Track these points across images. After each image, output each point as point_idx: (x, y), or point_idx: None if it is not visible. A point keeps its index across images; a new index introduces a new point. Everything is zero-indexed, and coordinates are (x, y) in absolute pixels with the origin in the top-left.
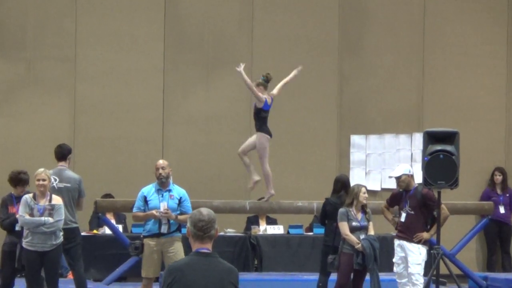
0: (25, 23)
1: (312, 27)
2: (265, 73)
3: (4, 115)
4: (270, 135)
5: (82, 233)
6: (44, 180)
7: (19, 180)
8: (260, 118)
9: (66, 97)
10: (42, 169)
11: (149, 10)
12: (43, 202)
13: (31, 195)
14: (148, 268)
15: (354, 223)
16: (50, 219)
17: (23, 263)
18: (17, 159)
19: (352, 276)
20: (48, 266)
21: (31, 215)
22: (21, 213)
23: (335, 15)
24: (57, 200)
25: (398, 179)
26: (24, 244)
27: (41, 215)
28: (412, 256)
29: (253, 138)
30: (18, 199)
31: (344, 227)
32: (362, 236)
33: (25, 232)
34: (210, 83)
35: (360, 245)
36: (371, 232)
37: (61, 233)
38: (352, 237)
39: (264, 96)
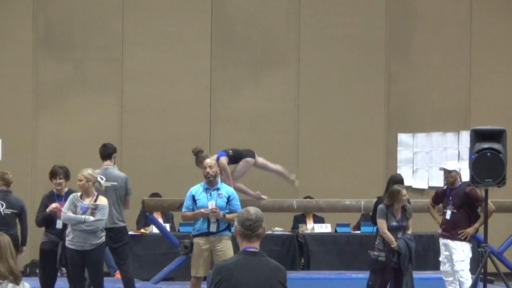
0: (73, 24)
1: (359, 26)
2: (193, 149)
3: (52, 115)
4: (253, 156)
5: (130, 232)
6: (80, 180)
7: (52, 172)
8: (236, 157)
9: (113, 97)
10: (84, 170)
11: (196, 9)
12: (88, 201)
13: (79, 193)
14: (198, 267)
15: (393, 223)
16: (91, 218)
17: (64, 263)
18: (65, 159)
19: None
20: (90, 266)
21: (75, 212)
22: (65, 209)
23: (383, 14)
24: (102, 200)
25: (449, 172)
26: (66, 243)
27: (84, 213)
28: (456, 254)
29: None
30: (59, 197)
31: (382, 224)
32: (399, 235)
33: (68, 230)
34: (258, 83)
35: (396, 244)
36: (409, 230)
37: (103, 233)
38: (390, 236)
39: (218, 154)
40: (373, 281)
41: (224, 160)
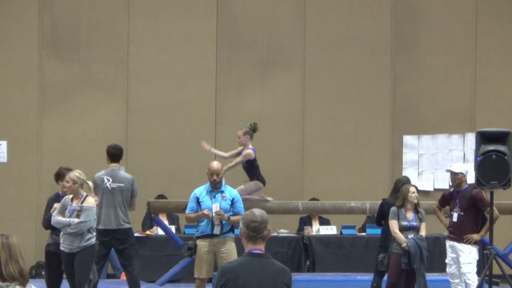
0: (78, 24)
1: (365, 27)
2: (253, 123)
3: (57, 116)
4: (264, 183)
5: (135, 234)
6: (67, 182)
7: (58, 174)
8: (255, 167)
9: (119, 97)
10: (72, 172)
11: (202, 11)
12: (76, 203)
13: (71, 196)
14: (201, 268)
15: (404, 223)
16: (75, 220)
17: None
18: (70, 160)
19: (404, 276)
20: (76, 267)
21: (64, 215)
22: (55, 213)
23: (388, 15)
24: (89, 202)
25: (455, 175)
26: (60, 245)
27: (71, 216)
28: (462, 256)
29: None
30: None
31: (393, 224)
32: (410, 236)
33: (61, 233)
34: (263, 84)
35: (405, 244)
36: (422, 232)
37: (92, 235)
38: (400, 236)
39: (251, 148)
40: (377, 283)
41: (251, 153)
